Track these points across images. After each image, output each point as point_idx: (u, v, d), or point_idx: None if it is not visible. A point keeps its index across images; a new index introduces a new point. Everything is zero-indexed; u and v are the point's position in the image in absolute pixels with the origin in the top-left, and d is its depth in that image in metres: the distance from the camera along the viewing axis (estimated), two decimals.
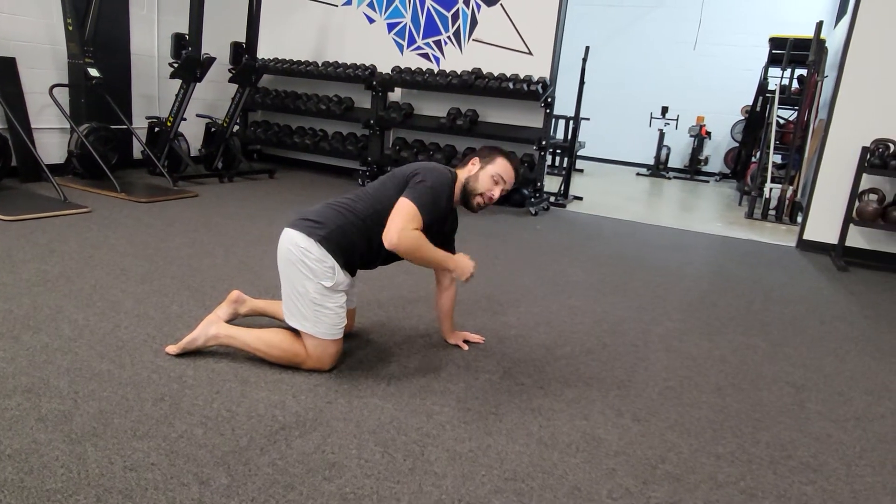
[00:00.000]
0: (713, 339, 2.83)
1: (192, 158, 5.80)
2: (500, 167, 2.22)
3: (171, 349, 2.18)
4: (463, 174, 2.26)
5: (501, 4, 5.83)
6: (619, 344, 2.66)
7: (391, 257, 2.21)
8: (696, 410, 2.12)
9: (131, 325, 2.37)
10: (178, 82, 5.31)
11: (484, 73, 5.73)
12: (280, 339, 2.13)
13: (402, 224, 2.00)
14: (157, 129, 5.39)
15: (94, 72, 4.68)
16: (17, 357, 2.04)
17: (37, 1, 4.73)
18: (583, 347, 2.59)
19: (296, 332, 2.14)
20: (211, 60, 5.26)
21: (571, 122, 6.62)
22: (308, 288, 2.05)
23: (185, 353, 2.17)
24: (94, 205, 4.14)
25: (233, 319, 2.40)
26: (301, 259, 2.04)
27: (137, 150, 5.52)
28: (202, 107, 6.07)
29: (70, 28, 4.62)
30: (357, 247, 2.11)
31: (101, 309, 2.49)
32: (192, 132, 5.91)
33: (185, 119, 5.41)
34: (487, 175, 2.21)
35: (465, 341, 2.50)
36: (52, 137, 4.97)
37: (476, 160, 2.28)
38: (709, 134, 10.34)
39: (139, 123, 5.53)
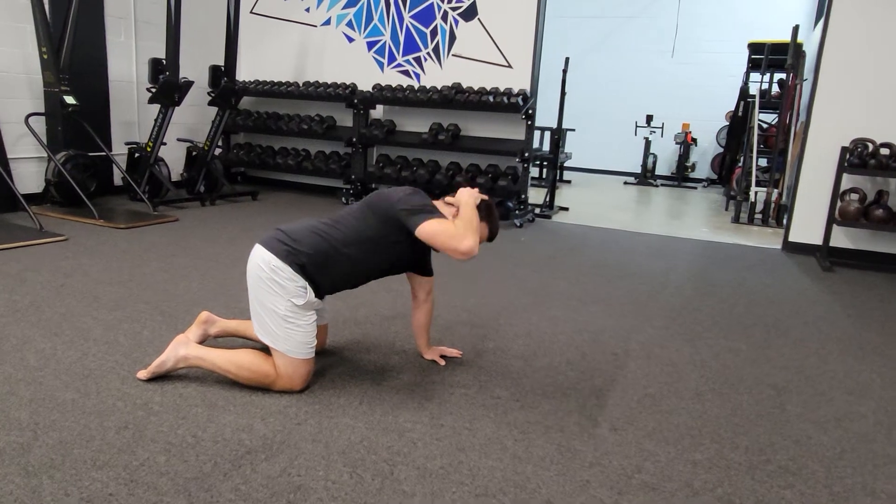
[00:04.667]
0: (694, 345, 2.80)
1: (175, 183, 5.77)
2: (480, 231, 2.17)
3: (142, 374, 2.14)
4: (443, 210, 2.17)
5: (479, 19, 5.86)
6: (598, 353, 2.63)
7: (379, 276, 2.27)
8: (675, 417, 2.09)
9: (99, 353, 2.32)
10: (157, 107, 5.30)
11: (464, 87, 5.74)
12: (250, 361, 2.09)
13: (454, 239, 1.96)
14: (136, 155, 5.36)
15: (70, 99, 4.66)
16: None
17: (11, 30, 4.72)
18: (562, 358, 2.55)
19: (267, 353, 2.10)
20: (189, 84, 5.25)
21: (553, 132, 6.62)
22: (278, 305, 2.02)
23: (155, 378, 2.13)
24: (71, 232, 4.10)
25: (203, 341, 2.36)
26: (271, 277, 2.01)
27: (118, 177, 5.49)
28: (183, 131, 6.07)
29: (45, 56, 4.61)
30: (335, 276, 2.09)
31: (69, 337, 2.45)
32: (174, 156, 5.89)
33: (165, 143, 5.39)
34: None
35: (443, 356, 2.46)
36: (29, 167, 4.94)
37: (457, 210, 2.15)
38: (695, 140, 10.39)
39: (119, 149, 5.51)
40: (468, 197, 2.16)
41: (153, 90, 5.14)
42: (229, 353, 2.13)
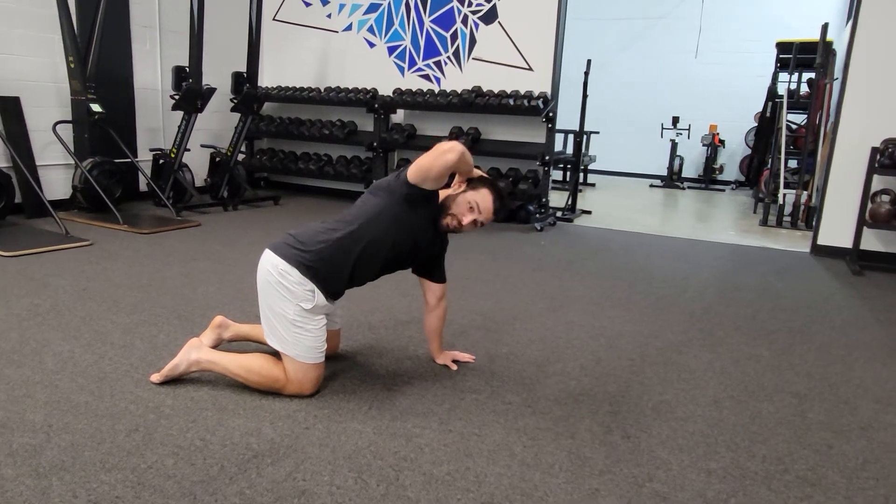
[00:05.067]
0: (714, 350, 2.73)
1: (198, 188, 5.86)
2: (480, 196, 2.12)
3: (155, 377, 2.16)
4: (445, 192, 2.21)
5: (500, 22, 5.84)
6: (614, 359, 2.58)
7: (386, 271, 2.21)
8: (690, 425, 2.03)
9: (116, 356, 2.35)
10: (181, 114, 5.38)
11: (484, 90, 5.73)
12: (260, 365, 2.10)
13: (435, 152, 1.98)
14: (161, 161, 5.45)
15: (96, 107, 4.76)
16: None
17: (40, 41, 4.85)
18: (576, 364, 2.51)
19: (278, 358, 2.11)
20: (211, 91, 5.33)
21: (575, 135, 6.56)
22: (287, 310, 2.02)
23: (168, 382, 2.15)
24: (96, 238, 4.18)
25: (218, 345, 2.38)
26: (279, 281, 2.02)
27: (143, 183, 5.59)
28: (207, 137, 6.15)
29: (72, 66, 4.72)
30: (342, 270, 2.07)
31: (87, 341, 2.49)
32: (198, 162, 5.97)
33: (188, 150, 5.47)
34: (465, 199, 2.13)
35: (455, 361, 2.44)
36: (57, 173, 5.06)
37: (464, 183, 2.19)
38: (722, 142, 10.21)
39: (144, 156, 5.61)
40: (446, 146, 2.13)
41: (176, 97, 5.22)
42: (240, 357, 2.14)
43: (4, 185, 4.22)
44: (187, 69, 5.25)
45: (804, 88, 7.70)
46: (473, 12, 5.91)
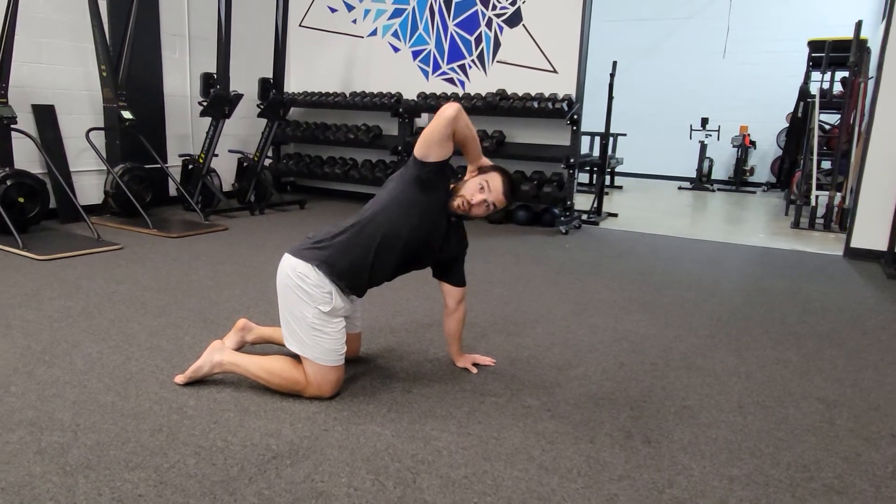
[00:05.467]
0: (740, 355, 2.68)
1: (226, 193, 5.95)
2: (490, 177, 2.14)
3: (179, 378, 2.20)
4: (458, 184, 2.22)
5: (524, 25, 5.82)
6: (637, 363, 2.55)
7: (403, 269, 2.20)
8: (713, 430, 2.00)
9: (142, 358, 2.40)
10: (209, 120, 5.48)
11: (508, 93, 5.72)
12: (281, 367, 2.12)
13: (436, 115, 2.00)
14: (190, 167, 5.56)
15: (127, 114, 4.87)
16: (28, 391, 2.09)
17: (73, 50, 4.99)
18: (598, 368, 2.49)
19: (298, 360, 2.13)
20: (238, 97, 5.42)
21: (601, 138, 6.51)
22: (306, 313, 2.04)
23: (192, 383, 2.19)
24: (127, 242, 4.27)
25: (241, 347, 2.42)
26: (298, 284, 2.04)
27: (173, 188, 5.70)
28: (235, 142, 6.25)
29: (104, 74, 4.84)
30: (360, 264, 2.08)
31: (115, 342, 2.54)
32: (226, 167, 6.08)
33: (216, 155, 5.57)
34: (476, 181, 2.15)
35: (475, 364, 2.44)
36: (90, 179, 5.20)
37: (475, 171, 2.22)
38: (753, 143, 10.03)
39: (174, 161, 5.72)
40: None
41: (204, 104, 5.32)
42: (262, 359, 2.16)
43: (40, 190, 4.34)
44: (215, 76, 5.35)
45: (837, 88, 7.53)
46: (497, 15, 5.91)
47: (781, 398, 2.26)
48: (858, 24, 6.18)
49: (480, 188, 2.13)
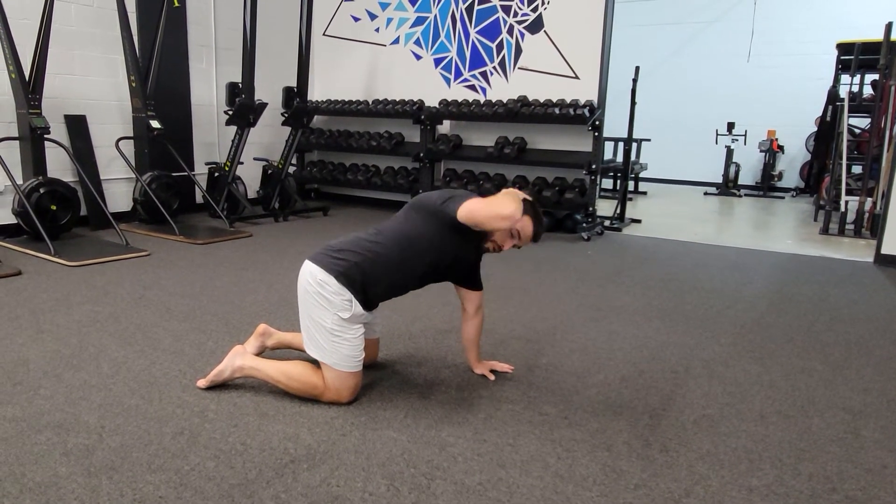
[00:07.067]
0: (764, 363, 2.64)
1: (251, 200, 6.04)
2: (521, 224, 2.13)
3: (201, 383, 2.24)
4: None
5: (545, 31, 5.82)
6: (657, 371, 2.53)
7: (423, 284, 2.26)
8: (734, 440, 1.97)
9: (166, 362, 2.45)
10: (235, 128, 5.58)
11: (530, 100, 5.72)
12: (300, 372, 2.15)
13: (493, 206, 1.99)
14: (216, 174, 5.66)
15: (155, 124, 4.98)
16: (56, 394, 2.15)
17: (104, 61, 5.12)
18: (617, 375, 2.47)
19: (317, 365, 2.15)
20: (263, 106, 5.50)
21: (624, 143, 6.47)
22: (325, 319, 2.07)
23: (213, 387, 2.23)
24: (154, 248, 4.36)
25: (261, 352, 2.45)
26: (318, 291, 2.07)
27: (199, 195, 5.80)
28: (259, 150, 6.35)
29: (133, 84, 4.95)
30: (379, 283, 2.11)
31: (141, 347, 2.60)
32: (251, 174, 6.17)
33: (241, 163, 5.66)
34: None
35: (493, 371, 2.44)
36: (119, 187, 5.32)
37: None
38: (781, 148, 9.88)
39: (200, 169, 5.83)
40: (508, 190, 2.15)
41: (230, 113, 5.41)
42: (281, 364, 2.19)
43: (71, 198, 4.46)
44: (240, 85, 5.44)
45: (867, 91, 7.39)
46: (519, 22, 5.92)
47: (805, 408, 2.22)
48: (889, 26, 6.06)
49: (511, 236, 2.16)
